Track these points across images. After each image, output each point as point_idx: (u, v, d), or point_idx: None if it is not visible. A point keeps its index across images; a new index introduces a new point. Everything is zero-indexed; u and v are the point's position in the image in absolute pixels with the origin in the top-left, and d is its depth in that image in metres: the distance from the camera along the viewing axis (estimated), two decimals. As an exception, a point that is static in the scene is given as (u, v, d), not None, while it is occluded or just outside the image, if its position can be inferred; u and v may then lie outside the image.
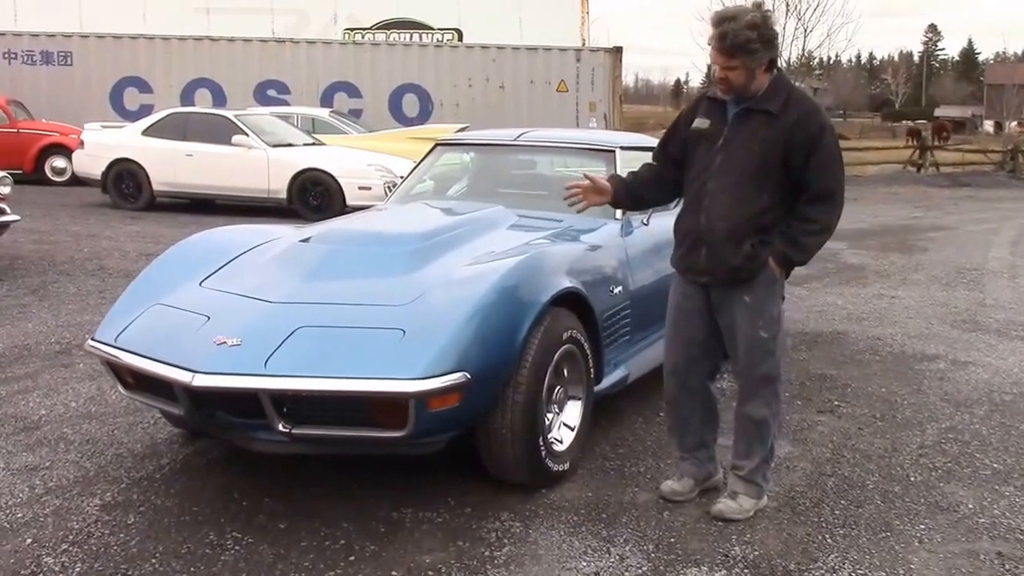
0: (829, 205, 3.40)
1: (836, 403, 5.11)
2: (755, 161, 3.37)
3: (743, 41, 3.28)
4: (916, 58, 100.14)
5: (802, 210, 3.40)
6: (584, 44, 24.20)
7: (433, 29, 25.53)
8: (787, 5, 28.60)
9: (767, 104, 3.37)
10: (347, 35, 24.77)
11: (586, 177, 3.86)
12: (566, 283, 3.93)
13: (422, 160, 5.96)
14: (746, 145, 3.40)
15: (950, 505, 3.80)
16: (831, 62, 52.45)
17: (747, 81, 3.36)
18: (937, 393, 5.34)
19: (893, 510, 3.74)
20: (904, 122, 56.25)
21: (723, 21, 3.30)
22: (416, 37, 24.76)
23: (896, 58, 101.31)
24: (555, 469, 3.80)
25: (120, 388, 3.93)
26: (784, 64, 28.78)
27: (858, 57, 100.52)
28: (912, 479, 4.06)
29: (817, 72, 47.62)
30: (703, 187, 3.49)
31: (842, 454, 4.34)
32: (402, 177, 6.42)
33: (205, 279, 4.11)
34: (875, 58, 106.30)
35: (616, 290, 4.46)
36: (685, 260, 3.60)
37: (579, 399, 4.04)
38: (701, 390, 3.74)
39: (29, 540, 3.34)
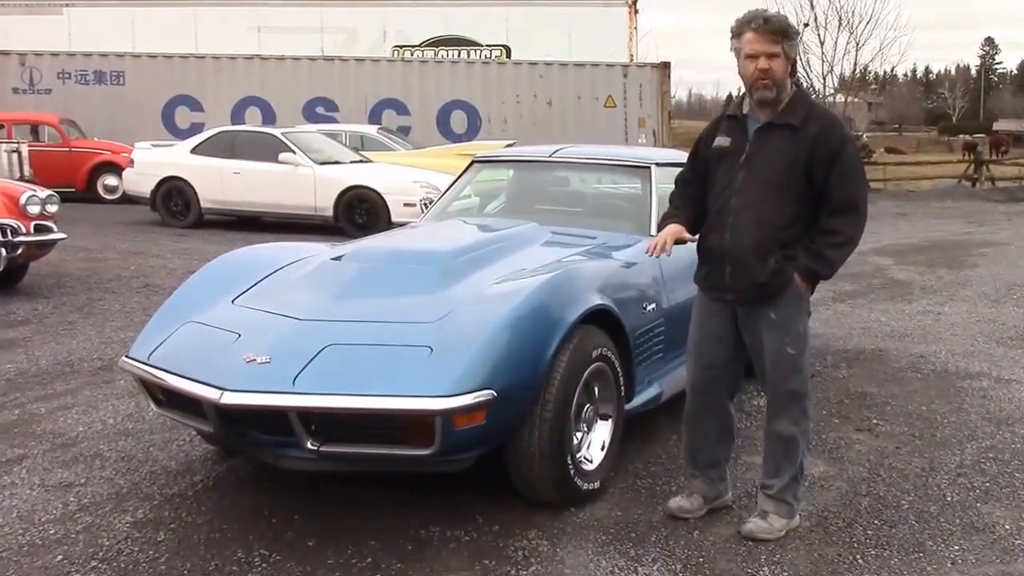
0: (853, 217, 3.38)
1: (875, 421, 5.02)
2: (778, 176, 3.37)
3: (786, 25, 3.34)
4: (973, 72, 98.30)
5: (825, 223, 3.38)
6: (632, 60, 24.16)
7: (481, 46, 25.67)
8: (839, 19, 28.34)
9: (788, 118, 3.37)
10: (396, 52, 25.01)
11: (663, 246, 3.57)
12: (596, 300, 3.91)
13: (459, 177, 5.98)
14: (769, 160, 3.39)
15: (986, 526, 3.71)
16: (886, 76, 51.71)
17: (785, 75, 3.35)
18: (979, 411, 5.22)
19: (927, 530, 3.66)
20: (961, 136, 55.15)
21: (760, 13, 3.37)
22: (464, 54, 24.87)
23: (953, 72, 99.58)
24: (584, 488, 3.78)
25: (152, 405, 3.98)
26: (837, 78, 28.51)
27: (914, 71, 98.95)
28: (948, 499, 3.98)
29: (872, 86, 47.00)
30: (726, 204, 3.47)
31: (878, 473, 4.26)
32: (438, 192, 6.45)
33: (238, 296, 4.16)
34: (931, 72, 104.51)
35: (649, 307, 4.43)
36: (709, 278, 3.57)
37: (610, 417, 4.01)
38: (720, 409, 3.71)
39: (60, 557, 3.39)
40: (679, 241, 3.57)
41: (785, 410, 3.54)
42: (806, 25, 27.03)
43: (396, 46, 25.56)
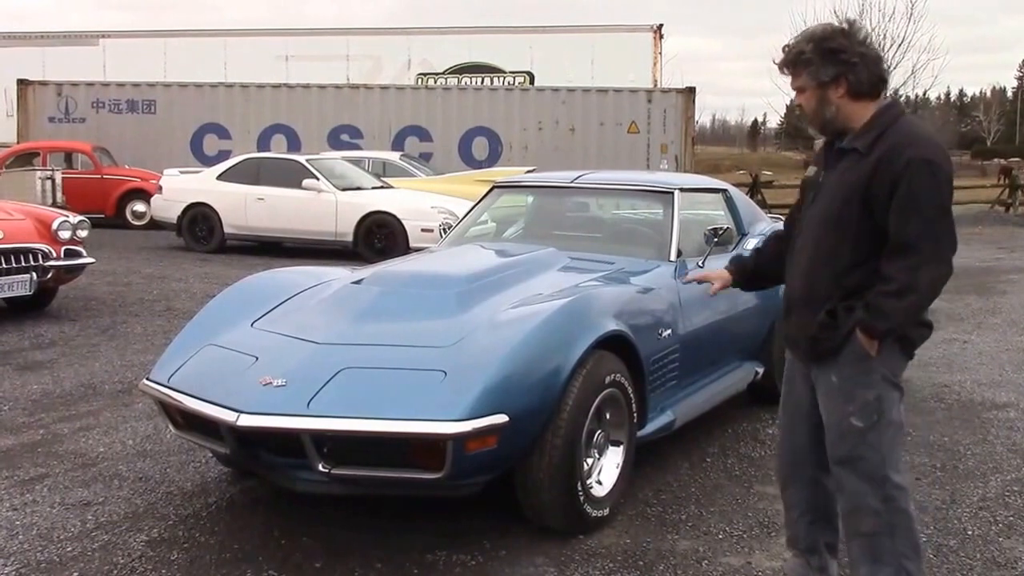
0: (912, 259, 2.72)
1: (894, 451, 4.96)
2: (834, 210, 2.85)
3: (795, 54, 2.88)
4: (1010, 94, 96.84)
5: (883, 266, 2.78)
6: (656, 85, 24.18)
7: (505, 72, 25.82)
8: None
9: (857, 141, 2.85)
10: (420, 80, 25.20)
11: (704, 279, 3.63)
12: (612, 326, 3.92)
13: (479, 202, 6.02)
14: (832, 191, 2.89)
15: (1008, 561, 3.65)
16: (918, 100, 51.19)
17: (820, 106, 2.89)
18: (1004, 443, 5.13)
19: (946, 564, 3.60)
20: (996, 160, 54.31)
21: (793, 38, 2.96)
22: (488, 81, 25.03)
23: (988, 94, 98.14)
24: (593, 515, 3.77)
25: (170, 427, 4.03)
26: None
27: (948, 94, 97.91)
28: (969, 533, 3.91)
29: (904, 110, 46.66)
30: (794, 244, 3.05)
31: (895, 504, 4.20)
32: (456, 217, 6.49)
33: (257, 320, 4.21)
34: (965, 95, 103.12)
35: (665, 333, 4.42)
36: (783, 329, 3.17)
37: (621, 444, 4.00)
38: (811, 486, 3.16)
39: (76, 574, 3.43)
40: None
41: (859, 500, 2.90)
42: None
43: (420, 74, 25.75)
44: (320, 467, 3.42)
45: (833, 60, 2.82)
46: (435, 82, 25.00)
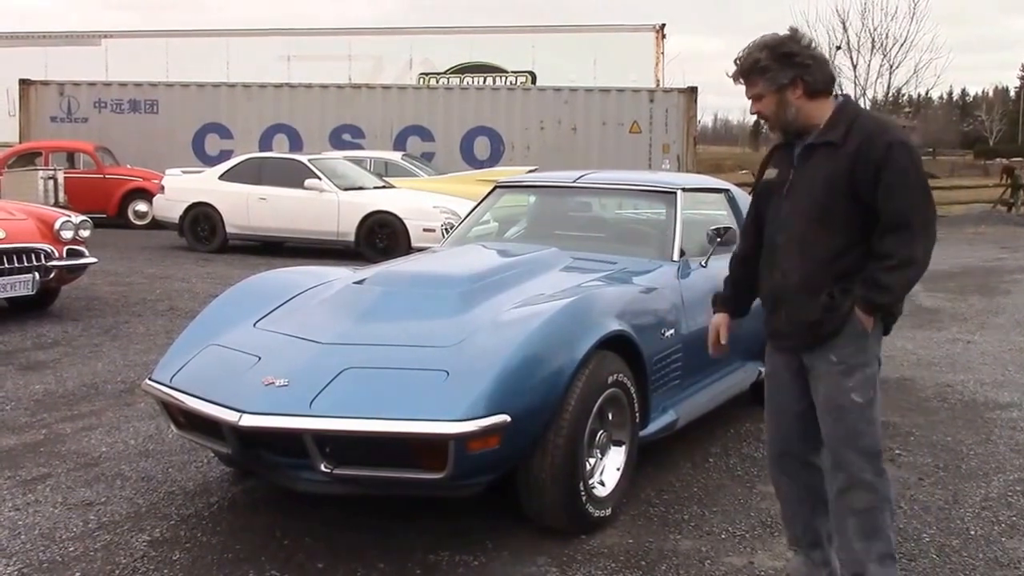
0: (905, 234, 2.87)
1: (897, 452, 4.96)
2: (819, 200, 2.97)
3: (751, 63, 3.01)
4: (1012, 94, 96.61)
5: (876, 246, 2.91)
6: (658, 85, 24.16)
7: (507, 72, 25.83)
8: (873, 41, 28.28)
9: (828, 135, 2.98)
10: (422, 80, 25.22)
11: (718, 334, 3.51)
12: (614, 326, 3.92)
13: (481, 202, 6.02)
14: (808, 185, 3.00)
15: (1011, 561, 3.64)
16: (920, 99, 51.25)
17: (780, 110, 3.03)
18: (1007, 443, 5.13)
19: (948, 565, 3.60)
20: (998, 159, 54.21)
21: (738, 56, 3.08)
22: (490, 80, 25.03)
23: (991, 94, 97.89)
24: (595, 515, 3.76)
25: (172, 427, 4.03)
26: (869, 102, 28.38)
27: (950, 94, 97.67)
28: (972, 533, 3.91)
29: (906, 110, 46.92)
30: (773, 241, 3.14)
31: (899, 505, 4.16)
32: (458, 217, 6.48)
33: (259, 320, 4.21)
34: (968, 95, 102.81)
35: (667, 333, 4.42)
36: (769, 325, 3.22)
37: (623, 444, 4.00)
38: (803, 472, 3.23)
39: (78, 574, 3.43)
40: None
41: (856, 475, 3.00)
42: (838, 48, 27.02)
43: (422, 73, 25.77)
44: (322, 467, 3.42)
45: (789, 64, 2.99)
46: (437, 82, 25.01)
